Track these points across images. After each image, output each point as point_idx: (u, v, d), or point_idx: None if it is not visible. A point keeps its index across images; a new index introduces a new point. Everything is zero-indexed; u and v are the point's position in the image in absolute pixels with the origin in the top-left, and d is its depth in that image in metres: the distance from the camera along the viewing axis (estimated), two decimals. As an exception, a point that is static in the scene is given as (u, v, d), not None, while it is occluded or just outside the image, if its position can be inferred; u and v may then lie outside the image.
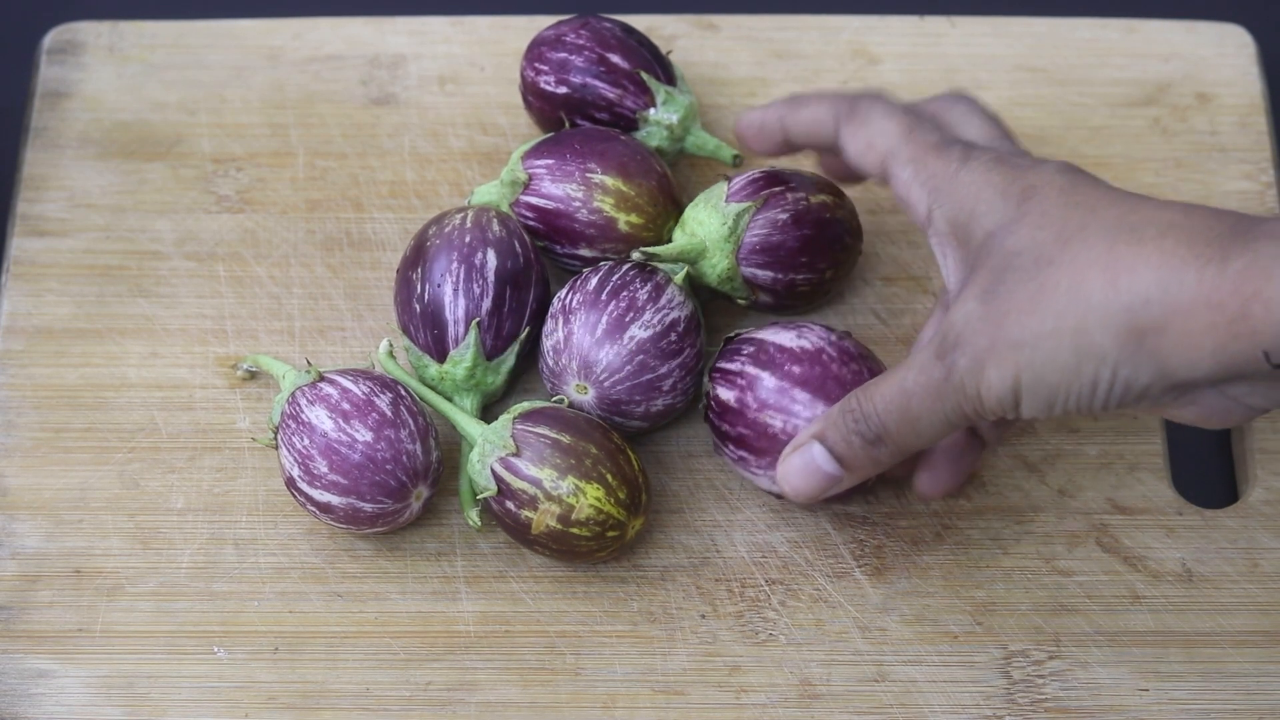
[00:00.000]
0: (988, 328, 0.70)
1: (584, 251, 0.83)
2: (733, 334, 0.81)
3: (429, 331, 0.81)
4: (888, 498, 0.81)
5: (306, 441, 0.77)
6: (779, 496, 0.79)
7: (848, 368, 0.78)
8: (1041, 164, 0.73)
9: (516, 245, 0.82)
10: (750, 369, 0.78)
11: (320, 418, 0.77)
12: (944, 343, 0.71)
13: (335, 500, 0.77)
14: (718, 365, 0.80)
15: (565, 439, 0.77)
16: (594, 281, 0.80)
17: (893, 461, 0.75)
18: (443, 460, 0.80)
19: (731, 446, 0.79)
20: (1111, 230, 0.68)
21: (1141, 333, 0.67)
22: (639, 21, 0.92)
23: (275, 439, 0.79)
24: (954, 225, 0.73)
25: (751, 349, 0.79)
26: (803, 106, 0.80)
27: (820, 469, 0.75)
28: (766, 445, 0.78)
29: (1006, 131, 0.78)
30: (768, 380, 0.78)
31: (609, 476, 0.77)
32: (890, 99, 0.78)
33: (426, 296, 0.81)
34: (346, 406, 0.77)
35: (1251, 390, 0.68)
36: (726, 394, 0.79)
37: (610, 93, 0.86)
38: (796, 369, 0.78)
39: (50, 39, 0.93)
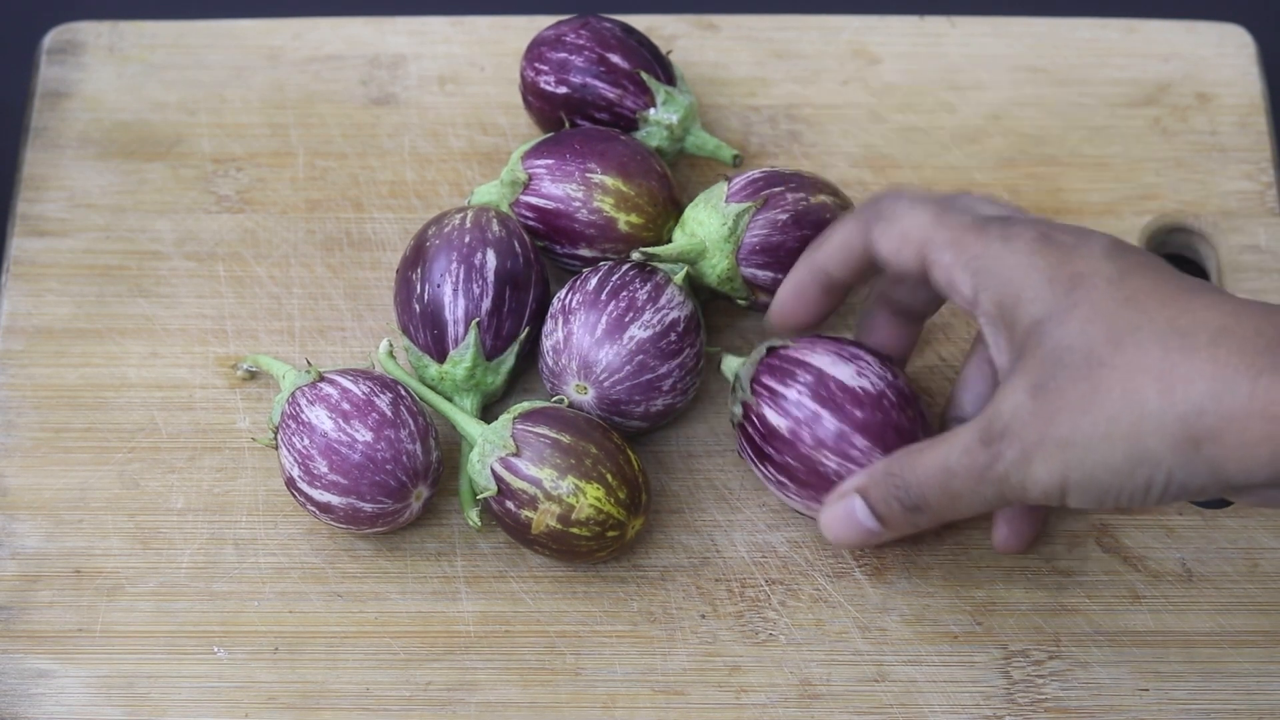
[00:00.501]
0: (1037, 423, 0.69)
1: (584, 251, 0.83)
2: (775, 344, 0.79)
3: (429, 331, 0.81)
4: (888, 498, 0.81)
5: (306, 441, 0.77)
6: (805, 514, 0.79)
7: (904, 414, 0.77)
8: (1086, 242, 0.71)
9: (516, 245, 0.82)
10: (809, 403, 0.77)
11: (320, 418, 0.77)
12: (990, 430, 0.70)
13: (335, 500, 0.77)
14: (766, 383, 0.78)
15: (565, 439, 0.77)
16: (594, 281, 0.80)
17: (931, 526, 0.74)
18: (443, 460, 0.80)
19: (772, 469, 0.78)
20: (1164, 334, 0.68)
21: (1197, 441, 0.67)
22: (639, 21, 0.92)
23: (275, 439, 0.79)
24: (1001, 308, 0.72)
25: (810, 379, 0.77)
26: (824, 240, 0.78)
27: (860, 523, 0.75)
28: (814, 482, 0.77)
29: (1025, 212, 0.77)
30: (828, 421, 0.76)
31: (609, 476, 0.77)
32: (911, 190, 0.77)
33: (426, 296, 0.81)
34: (346, 406, 0.77)
35: None
36: (777, 420, 0.77)
37: (610, 93, 0.86)
38: (859, 413, 0.76)
39: (50, 39, 0.93)
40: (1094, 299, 0.69)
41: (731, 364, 0.80)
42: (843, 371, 0.77)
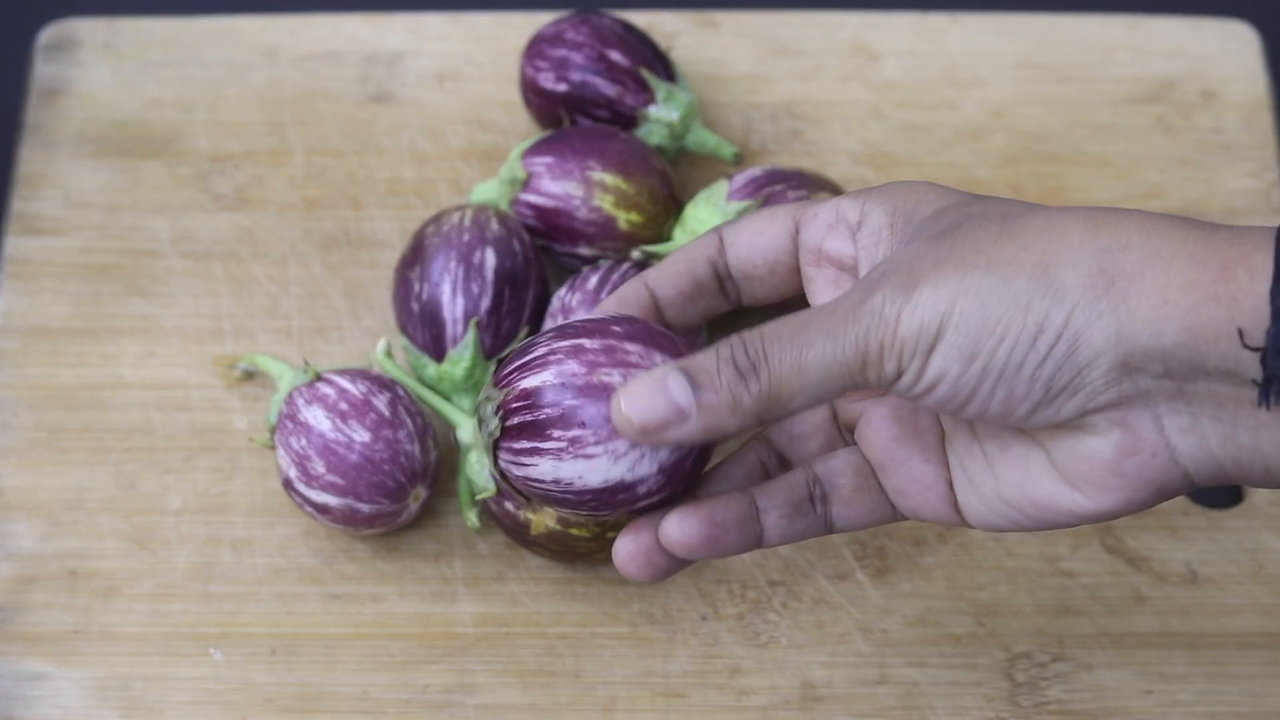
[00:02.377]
0: (934, 252, 0.60)
1: (584, 250, 0.83)
2: (501, 355, 0.68)
3: (427, 331, 0.81)
4: (890, 498, 0.81)
5: (304, 442, 0.77)
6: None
7: (666, 327, 0.68)
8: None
9: (515, 244, 0.81)
10: (562, 344, 0.65)
11: (318, 418, 0.77)
12: (870, 274, 0.62)
13: (333, 501, 0.77)
14: (504, 373, 0.65)
15: (565, 439, 0.76)
16: (594, 280, 0.80)
17: (756, 412, 0.61)
18: (441, 461, 0.80)
19: (559, 431, 0.64)
20: (1090, 206, 0.62)
21: (1112, 278, 0.59)
22: (639, 18, 0.91)
23: (272, 439, 0.78)
24: (895, 213, 0.64)
25: (550, 334, 0.65)
26: (665, 269, 0.68)
27: (668, 391, 0.62)
28: (598, 412, 0.64)
29: None
30: (591, 345, 0.64)
31: (609, 477, 0.76)
32: None
33: (425, 295, 0.80)
34: (344, 406, 0.77)
35: (1193, 417, 0.60)
36: (538, 378, 0.64)
37: (610, 90, 0.85)
38: (617, 328, 0.65)
39: (46, 36, 0.92)
40: (1003, 199, 0.64)
41: (465, 427, 0.74)
42: (579, 314, 0.68)
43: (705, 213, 0.82)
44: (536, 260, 0.82)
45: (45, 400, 0.83)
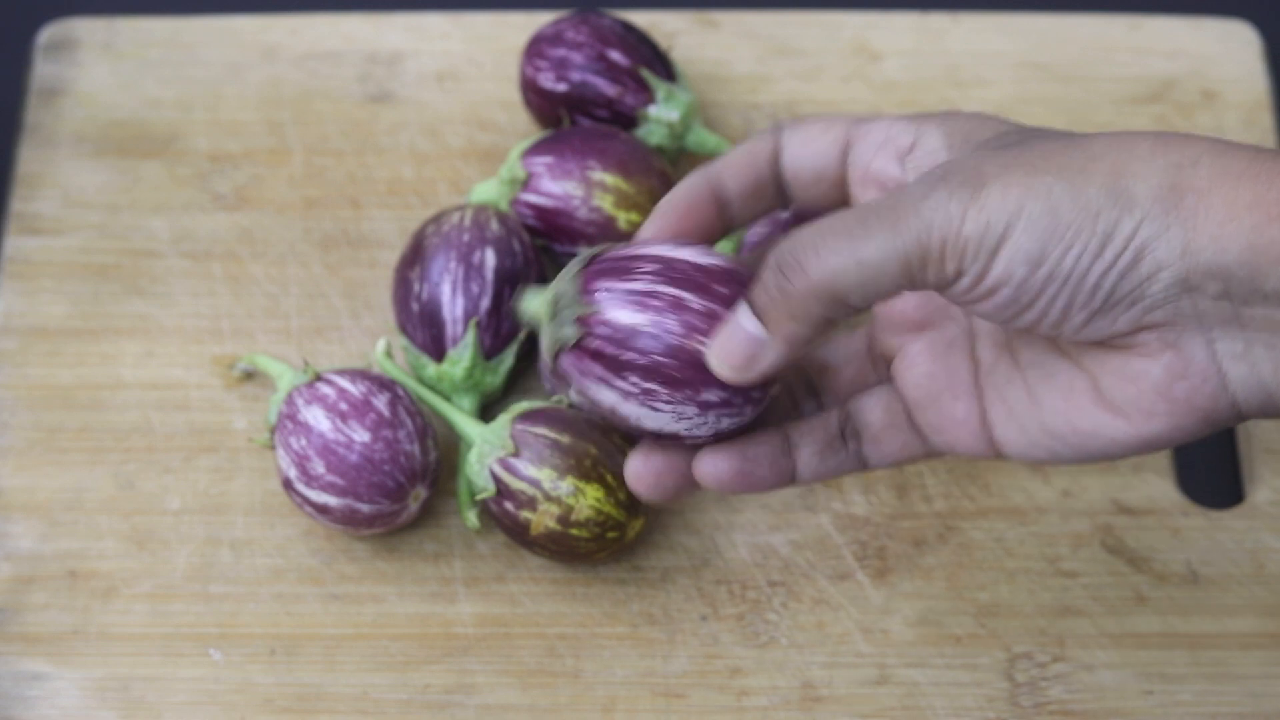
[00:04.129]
0: (1000, 158, 0.59)
1: (583, 250, 0.83)
2: (594, 251, 0.66)
3: (427, 331, 0.81)
4: (890, 499, 0.81)
5: (303, 442, 0.77)
6: (665, 438, 0.67)
7: None
8: None
9: (515, 244, 0.81)
10: (667, 289, 0.64)
11: (317, 418, 0.77)
12: (932, 172, 0.60)
13: (332, 501, 0.77)
14: (605, 285, 0.65)
15: (565, 439, 0.76)
16: (594, 280, 0.80)
17: (808, 305, 0.61)
18: (441, 461, 0.79)
19: (637, 378, 0.65)
20: (1158, 132, 0.62)
21: (1181, 191, 0.59)
22: (639, 18, 0.91)
23: (272, 439, 0.78)
24: (950, 138, 0.64)
25: (657, 266, 0.65)
26: (729, 162, 0.68)
27: (741, 329, 0.63)
28: (691, 376, 0.65)
29: None
30: (695, 303, 0.64)
31: (609, 477, 0.76)
32: None
33: (424, 295, 0.80)
34: (344, 407, 0.77)
35: (1246, 343, 0.60)
36: (635, 317, 0.64)
37: (610, 90, 0.85)
38: (724, 289, 0.65)
39: (45, 36, 0.92)
40: (1060, 134, 0.63)
41: (536, 295, 0.68)
42: (688, 253, 0.65)
43: (705, 212, 0.82)
44: (536, 260, 0.82)
45: (44, 400, 0.83)
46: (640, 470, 0.67)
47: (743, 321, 0.63)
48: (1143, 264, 0.59)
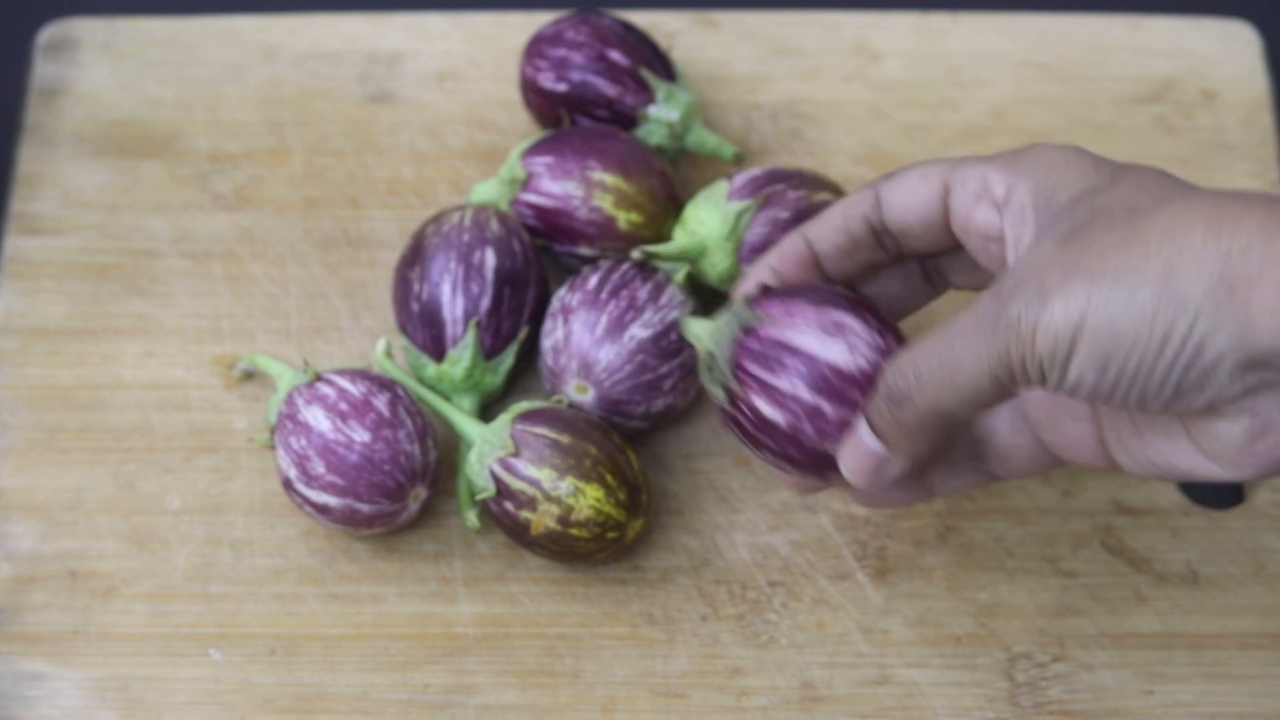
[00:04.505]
0: (1063, 261, 0.63)
1: (583, 250, 0.83)
2: (748, 320, 0.71)
3: (427, 331, 0.80)
4: (890, 499, 0.81)
5: (303, 442, 0.77)
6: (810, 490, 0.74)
7: None
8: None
9: (515, 244, 0.81)
10: (807, 396, 0.70)
11: (317, 418, 0.77)
12: (1005, 283, 0.65)
13: (332, 501, 0.77)
14: (752, 371, 0.70)
15: (565, 439, 0.76)
16: (594, 280, 0.80)
17: (921, 429, 0.67)
18: (441, 461, 0.79)
19: (770, 455, 0.71)
20: (1217, 195, 0.64)
21: (1233, 284, 0.61)
22: (639, 18, 0.91)
23: (272, 439, 0.78)
24: (1037, 193, 0.67)
25: (804, 369, 0.70)
26: (823, 223, 0.73)
27: (865, 446, 0.69)
28: (818, 464, 0.71)
29: None
30: (830, 412, 0.69)
31: (609, 477, 0.76)
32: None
33: (424, 295, 0.80)
34: (344, 407, 0.77)
35: None
36: (774, 414, 0.70)
37: (610, 90, 0.85)
38: (858, 395, 0.70)
39: (45, 36, 0.92)
40: (1140, 179, 0.66)
41: (699, 330, 0.72)
42: (834, 352, 0.70)
43: (705, 213, 0.82)
44: (536, 260, 0.82)
45: (44, 400, 0.83)
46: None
47: (865, 439, 0.69)
48: (1204, 356, 0.63)
